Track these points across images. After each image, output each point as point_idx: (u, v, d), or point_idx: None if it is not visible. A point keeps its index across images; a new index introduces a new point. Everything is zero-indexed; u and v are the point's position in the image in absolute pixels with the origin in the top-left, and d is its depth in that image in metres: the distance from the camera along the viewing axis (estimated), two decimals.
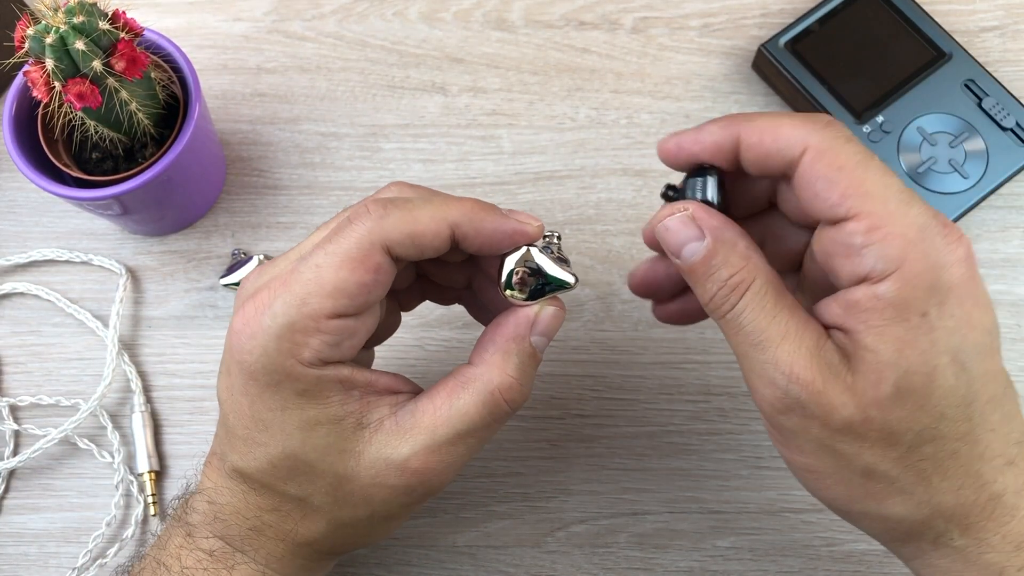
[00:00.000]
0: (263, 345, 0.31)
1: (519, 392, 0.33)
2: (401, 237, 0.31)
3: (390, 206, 0.31)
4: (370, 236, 0.31)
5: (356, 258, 0.31)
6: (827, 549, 0.44)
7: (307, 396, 0.32)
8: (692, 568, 0.44)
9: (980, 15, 0.53)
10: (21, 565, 0.45)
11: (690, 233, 0.31)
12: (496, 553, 0.45)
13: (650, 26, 0.54)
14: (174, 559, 0.34)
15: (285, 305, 0.31)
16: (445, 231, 0.32)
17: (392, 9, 0.54)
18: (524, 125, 0.52)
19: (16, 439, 0.47)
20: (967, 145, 0.48)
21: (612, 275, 0.48)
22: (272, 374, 0.31)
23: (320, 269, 0.31)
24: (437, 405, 0.33)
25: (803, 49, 0.50)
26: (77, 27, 0.38)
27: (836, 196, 0.29)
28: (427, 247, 0.32)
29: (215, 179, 0.50)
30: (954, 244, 0.29)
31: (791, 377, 0.29)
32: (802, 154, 0.30)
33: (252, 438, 0.33)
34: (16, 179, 0.51)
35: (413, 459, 0.32)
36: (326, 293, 0.30)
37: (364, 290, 0.31)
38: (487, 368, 0.33)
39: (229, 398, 0.33)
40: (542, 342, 0.34)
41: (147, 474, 0.46)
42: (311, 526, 0.34)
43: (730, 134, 0.31)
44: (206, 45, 0.54)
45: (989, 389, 0.30)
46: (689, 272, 0.32)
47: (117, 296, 0.48)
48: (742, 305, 0.31)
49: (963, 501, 0.30)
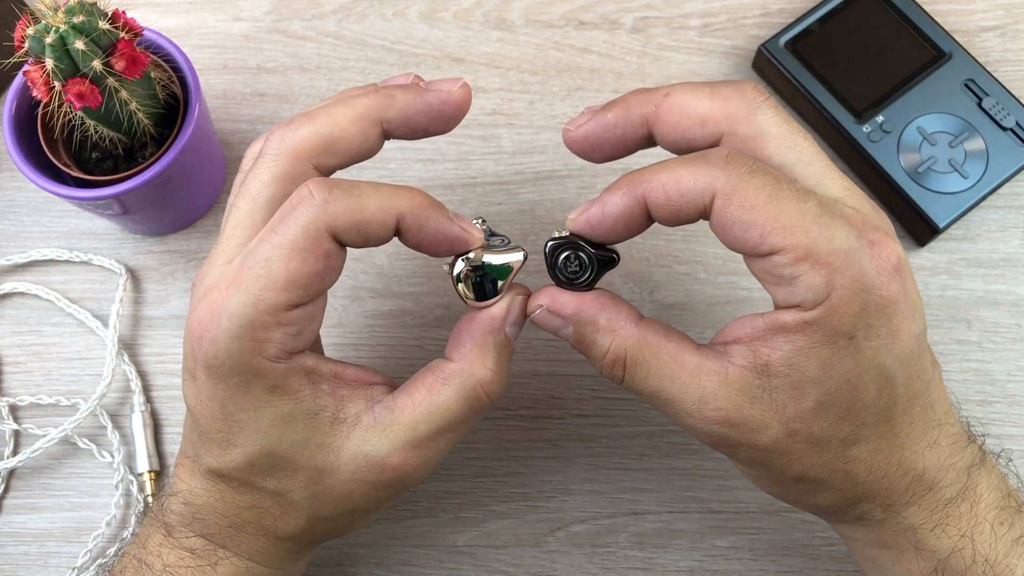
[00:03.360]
0: (226, 348, 0.30)
1: (498, 385, 0.33)
2: (347, 225, 0.30)
3: (335, 190, 0.30)
4: (316, 224, 0.30)
5: (304, 248, 0.30)
6: (827, 549, 0.44)
7: (277, 392, 0.31)
8: (692, 568, 0.44)
9: (980, 15, 0.53)
10: (21, 565, 0.45)
11: (556, 322, 0.33)
12: (496, 553, 0.45)
13: (650, 26, 0.54)
14: (155, 557, 0.34)
15: (241, 304, 0.30)
16: (391, 221, 0.31)
17: (392, 9, 0.54)
18: (524, 125, 0.52)
19: (16, 439, 0.47)
20: (967, 145, 0.48)
21: (612, 275, 0.48)
22: (240, 375, 0.31)
23: (270, 263, 0.30)
24: (416, 401, 0.33)
25: (803, 49, 0.50)
26: (77, 27, 0.38)
27: (756, 237, 0.29)
28: (372, 236, 0.31)
29: (215, 179, 0.50)
30: (882, 261, 0.29)
31: (705, 421, 0.31)
32: (712, 200, 0.29)
33: (227, 440, 0.32)
34: (16, 179, 0.51)
35: (393, 455, 0.32)
36: (279, 287, 0.30)
37: (316, 279, 0.31)
38: (467, 363, 0.33)
39: (198, 403, 0.32)
40: (515, 331, 0.34)
41: (147, 474, 0.46)
42: (291, 522, 0.34)
43: (634, 200, 0.31)
44: (206, 45, 0.54)
45: (913, 388, 0.31)
46: (577, 349, 0.33)
47: (117, 296, 0.48)
48: (629, 376, 0.32)
49: (887, 487, 0.32)
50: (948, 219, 0.47)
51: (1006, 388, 0.46)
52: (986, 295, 0.48)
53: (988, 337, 0.47)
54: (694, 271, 0.49)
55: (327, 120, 0.32)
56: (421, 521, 0.45)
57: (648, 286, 0.48)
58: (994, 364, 0.46)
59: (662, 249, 0.49)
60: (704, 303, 0.48)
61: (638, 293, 0.48)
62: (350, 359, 0.47)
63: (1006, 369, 0.46)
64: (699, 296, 0.48)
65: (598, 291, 0.33)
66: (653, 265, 0.49)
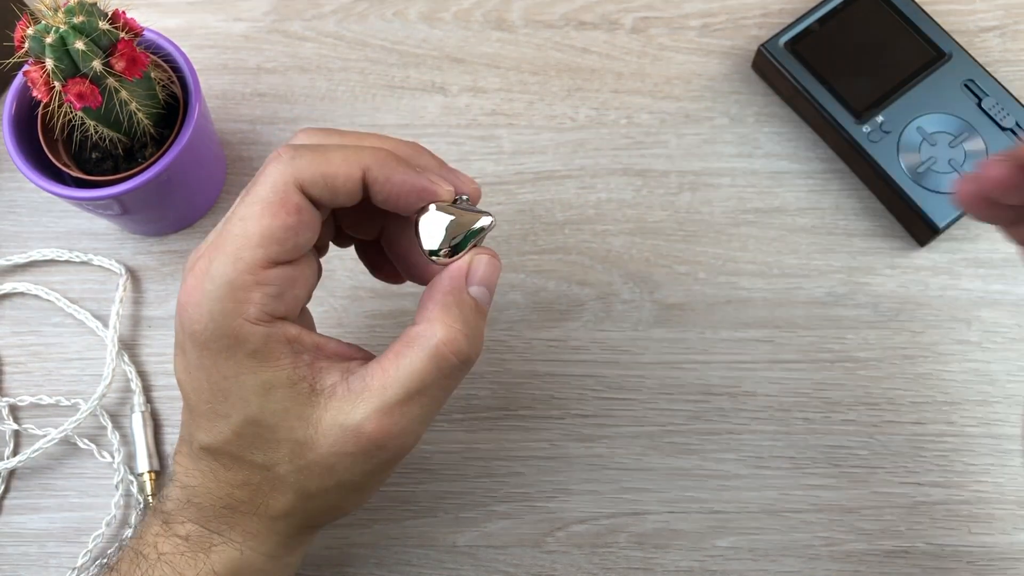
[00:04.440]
0: (209, 311, 0.31)
1: (466, 343, 0.33)
2: (313, 177, 0.32)
3: (302, 149, 0.32)
4: (283, 178, 0.31)
5: (275, 202, 0.31)
6: (827, 549, 0.44)
7: (258, 357, 0.32)
8: (692, 568, 0.44)
9: (980, 15, 0.53)
10: (21, 565, 0.45)
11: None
12: (496, 553, 0.45)
13: (650, 26, 0.54)
14: (151, 547, 0.34)
15: (221, 266, 0.31)
16: (356, 173, 0.32)
17: (392, 9, 0.54)
18: (524, 125, 0.52)
19: (16, 439, 0.47)
20: (967, 145, 0.48)
21: (612, 275, 0.48)
22: (222, 339, 0.32)
23: (244, 221, 0.31)
24: (385, 367, 0.33)
25: (803, 49, 0.50)
26: (77, 27, 0.38)
27: None
28: (340, 189, 0.32)
29: (215, 179, 0.50)
30: None
31: None
32: None
33: (214, 411, 0.33)
34: (16, 179, 0.51)
35: (366, 423, 0.32)
36: (255, 244, 0.31)
37: (291, 233, 0.32)
38: (429, 324, 0.33)
39: (187, 377, 0.33)
40: (482, 292, 0.34)
41: (147, 474, 0.46)
42: (280, 498, 0.34)
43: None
44: (206, 45, 0.54)
45: None
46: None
47: (117, 296, 0.48)
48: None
49: None
50: (948, 219, 0.47)
51: (1006, 388, 0.46)
52: (986, 295, 0.48)
53: (988, 337, 0.47)
54: (694, 271, 0.49)
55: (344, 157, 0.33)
56: (421, 521, 0.45)
57: (648, 286, 0.48)
58: (994, 364, 0.46)
59: (662, 249, 0.49)
60: (704, 303, 0.48)
61: (638, 293, 0.48)
62: None
63: (1006, 369, 0.46)
64: (699, 296, 0.48)
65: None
66: (653, 265, 0.49)
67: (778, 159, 0.51)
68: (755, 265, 0.48)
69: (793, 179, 0.50)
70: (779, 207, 0.50)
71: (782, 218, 0.49)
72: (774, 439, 0.46)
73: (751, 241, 0.49)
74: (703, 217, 0.50)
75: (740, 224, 0.49)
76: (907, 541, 0.44)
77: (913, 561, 0.44)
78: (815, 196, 0.50)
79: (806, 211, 0.50)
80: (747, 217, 0.49)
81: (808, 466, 0.45)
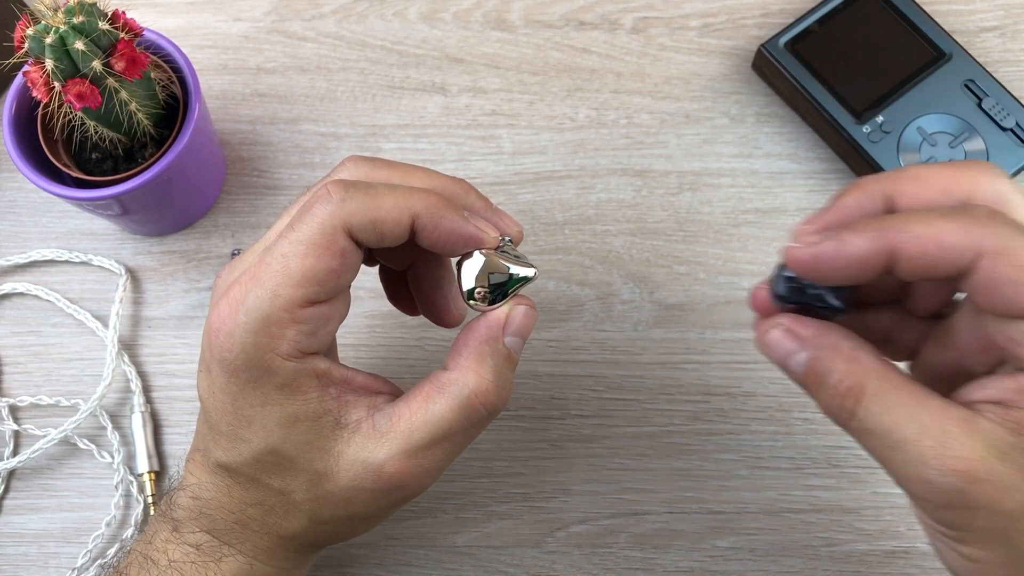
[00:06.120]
0: (241, 341, 0.31)
1: (496, 395, 0.33)
2: (363, 223, 0.31)
3: (352, 189, 0.31)
4: (332, 220, 0.31)
5: (321, 244, 0.31)
6: (827, 549, 0.44)
7: (286, 391, 0.32)
8: (692, 568, 0.44)
9: (980, 15, 0.53)
10: (21, 565, 0.45)
11: (790, 346, 0.30)
12: (496, 553, 0.45)
13: (650, 26, 0.54)
14: (161, 553, 0.34)
15: (258, 300, 0.31)
16: (406, 220, 0.32)
17: (392, 9, 0.54)
18: (524, 125, 0.52)
19: (16, 439, 0.47)
20: (967, 145, 0.48)
21: (612, 275, 0.48)
22: (252, 370, 0.31)
23: (287, 259, 0.31)
24: (413, 409, 0.33)
25: (803, 49, 0.50)
26: (77, 27, 0.38)
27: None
28: (388, 235, 0.32)
29: (215, 179, 0.50)
30: None
31: (944, 471, 0.27)
32: (975, 259, 0.27)
33: (236, 434, 0.33)
34: (16, 179, 0.51)
35: (389, 463, 0.32)
36: (295, 283, 0.31)
37: (333, 276, 0.31)
38: (462, 372, 0.33)
39: (211, 396, 0.33)
40: (516, 343, 0.34)
41: (147, 474, 0.46)
42: (293, 522, 0.34)
43: (881, 248, 0.28)
44: (206, 45, 0.54)
45: None
46: (802, 384, 0.30)
47: (117, 296, 0.48)
48: (863, 409, 0.29)
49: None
50: None
51: None
52: None
53: None
54: (694, 271, 0.49)
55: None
56: (421, 521, 0.45)
57: (648, 286, 0.48)
58: None
59: (662, 249, 0.49)
60: (704, 303, 0.48)
61: (638, 293, 0.48)
62: (350, 359, 0.47)
63: None
64: (699, 296, 0.48)
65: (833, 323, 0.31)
66: (653, 265, 0.49)
67: (778, 159, 0.51)
68: (755, 265, 0.48)
69: (793, 179, 0.50)
70: (779, 207, 0.50)
71: (782, 218, 0.49)
72: (774, 439, 0.46)
73: (751, 241, 0.49)
74: (703, 217, 0.50)
75: (740, 224, 0.49)
76: (907, 541, 0.44)
77: (913, 561, 0.44)
78: (815, 196, 0.50)
79: (806, 211, 0.50)
80: (747, 217, 0.49)
81: (808, 466, 0.45)
